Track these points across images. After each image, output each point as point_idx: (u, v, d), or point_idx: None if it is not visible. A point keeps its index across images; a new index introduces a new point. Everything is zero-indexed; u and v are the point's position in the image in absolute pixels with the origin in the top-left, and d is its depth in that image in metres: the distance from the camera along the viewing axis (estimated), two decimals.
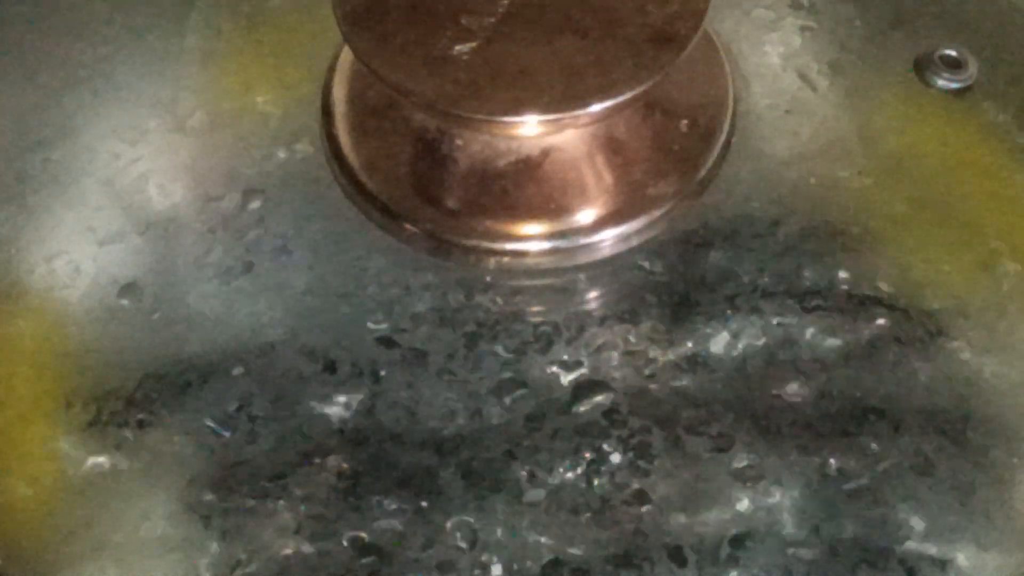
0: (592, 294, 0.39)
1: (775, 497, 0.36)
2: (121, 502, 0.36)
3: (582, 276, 0.39)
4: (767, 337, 0.38)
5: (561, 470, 0.36)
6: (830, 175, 0.41)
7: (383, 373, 0.37)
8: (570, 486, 0.36)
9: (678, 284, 0.39)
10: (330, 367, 0.37)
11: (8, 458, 0.37)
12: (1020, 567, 0.35)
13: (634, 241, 0.39)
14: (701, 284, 0.39)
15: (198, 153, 0.42)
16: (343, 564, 0.35)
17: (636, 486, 0.36)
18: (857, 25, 0.43)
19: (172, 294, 0.39)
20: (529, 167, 0.39)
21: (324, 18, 0.39)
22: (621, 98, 0.37)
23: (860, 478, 0.36)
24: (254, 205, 0.40)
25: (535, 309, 0.39)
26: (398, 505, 0.36)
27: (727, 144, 0.41)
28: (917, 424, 0.36)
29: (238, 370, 0.38)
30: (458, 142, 0.40)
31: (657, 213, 0.39)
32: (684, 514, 0.35)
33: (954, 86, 0.42)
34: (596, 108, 0.37)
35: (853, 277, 0.39)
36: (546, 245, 0.39)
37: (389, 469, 0.36)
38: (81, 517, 0.36)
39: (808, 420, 0.36)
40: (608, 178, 0.40)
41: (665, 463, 0.36)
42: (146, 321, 0.39)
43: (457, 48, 0.38)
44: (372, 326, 0.38)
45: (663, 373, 0.37)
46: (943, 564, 0.35)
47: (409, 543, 0.35)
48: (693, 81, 0.41)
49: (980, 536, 0.35)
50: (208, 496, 0.36)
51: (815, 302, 0.38)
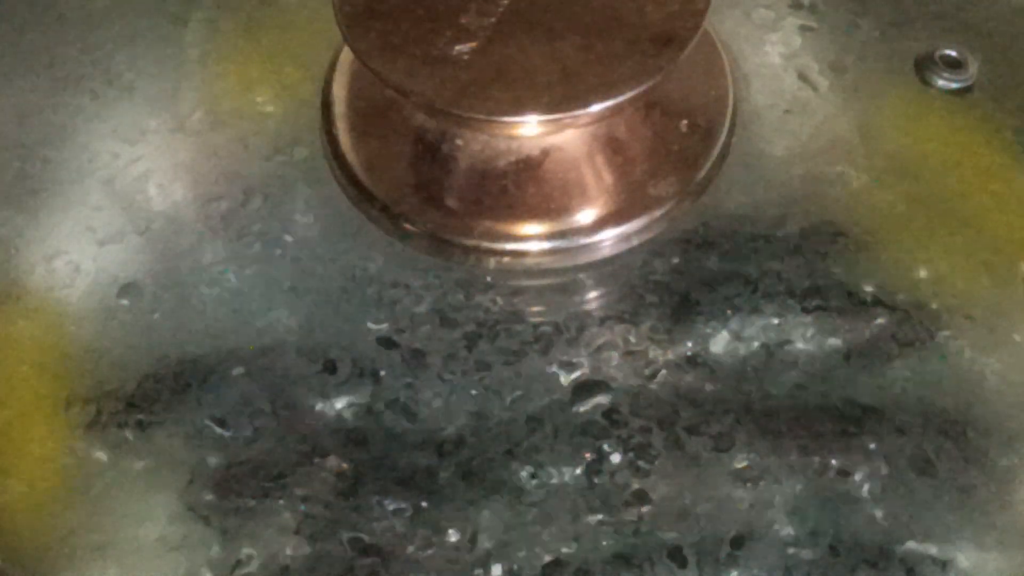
0: (592, 294, 0.39)
1: (775, 497, 0.36)
2: (121, 502, 0.36)
3: (582, 276, 0.39)
4: (767, 337, 0.38)
5: (561, 470, 0.36)
6: (830, 175, 0.41)
7: (383, 373, 0.37)
8: (570, 486, 0.36)
9: (678, 284, 0.39)
10: (330, 367, 0.37)
11: (8, 458, 0.37)
12: (1020, 567, 0.35)
13: (634, 241, 0.39)
14: (701, 284, 0.39)
15: (198, 153, 0.41)
16: (343, 564, 0.35)
17: (636, 486, 0.36)
18: (857, 25, 0.43)
19: (172, 294, 0.39)
20: (529, 167, 0.39)
21: (324, 18, 0.39)
22: (621, 98, 0.37)
23: (860, 478, 0.36)
24: (254, 205, 0.40)
25: (535, 309, 0.39)
26: (398, 505, 0.36)
27: (727, 144, 0.41)
28: (917, 424, 0.36)
29: (238, 370, 0.38)
30: (458, 142, 0.40)
31: (657, 213, 0.39)
32: (684, 514, 0.35)
33: (954, 86, 0.42)
34: (596, 108, 0.37)
35: (853, 277, 0.39)
36: (546, 245, 0.39)
37: (389, 469, 0.36)
38: (81, 517, 0.36)
39: (808, 420, 0.36)
40: (608, 178, 0.40)
41: (665, 463, 0.36)
42: (146, 321, 0.39)
43: (457, 48, 0.38)
44: (372, 326, 0.38)
45: (663, 373, 0.37)
46: (943, 564, 0.35)
47: (409, 543, 0.35)
48: (693, 81, 0.41)
49: (980, 536, 0.35)
50: (208, 496, 0.36)
51: (815, 302, 0.38)
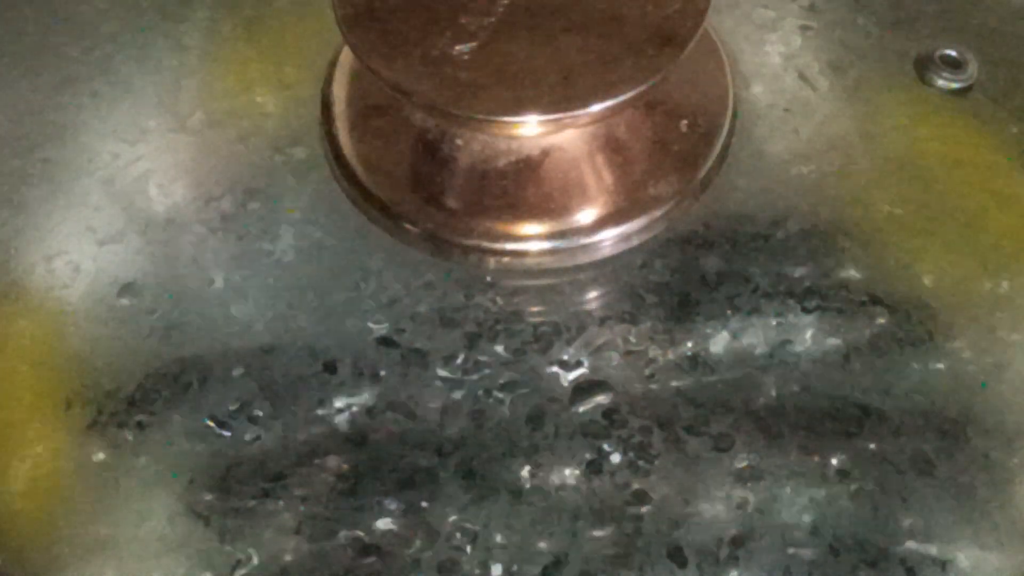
0: (592, 294, 0.39)
1: (775, 497, 0.36)
2: (121, 502, 0.36)
3: (582, 276, 0.39)
4: (767, 337, 0.38)
5: (561, 470, 0.36)
6: (830, 175, 0.41)
7: (383, 373, 0.37)
8: (570, 486, 0.36)
9: (678, 284, 0.39)
10: (330, 367, 0.37)
11: (8, 458, 0.37)
12: (1020, 567, 0.35)
13: (634, 241, 0.39)
14: (701, 284, 0.39)
15: (198, 153, 0.41)
16: (343, 564, 0.35)
17: (636, 486, 0.36)
18: (857, 25, 0.43)
19: (172, 294, 0.39)
20: (529, 167, 0.39)
21: (324, 18, 0.39)
22: (621, 98, 0.37)
23: (860, 478, 0.36)
24: (254, 205, 0.40)
25: (535, 309, 0.39)
26: (398, 505, 0.36)
27: (727, 144, 0.41)
28: (917, 424, 0.36)
29: (238, 370, 0.38)
30: (458, 142, 0.39)
31: (657, 213, 0.39)
32: (684, 514, 0.35)
33: (954, 86, 0.42)
34: (596, 108, 0.37)
35: (853, 277, 0.39)
36: (546, 245, 0.39)
37: (389, 469, 0.36)
38: (81, 517, 0.36)
39: (808, 420, 0.36)
40: (608, 178, 0.40)
41: (665, 463, 0.36)
42: (146, 321, 0.39)
43: (457, 48, 0.38)
44: (372, 326, 0.38)
45: (663, 373, 0.37)
46: (943, 564, 0.35)
47: (409, 543, 0.35)
48: (693, 81, 0.41)
49: (980, 536, 0.35)
50: (208, 496, 0.36)
51: (815, 302, 0.38)
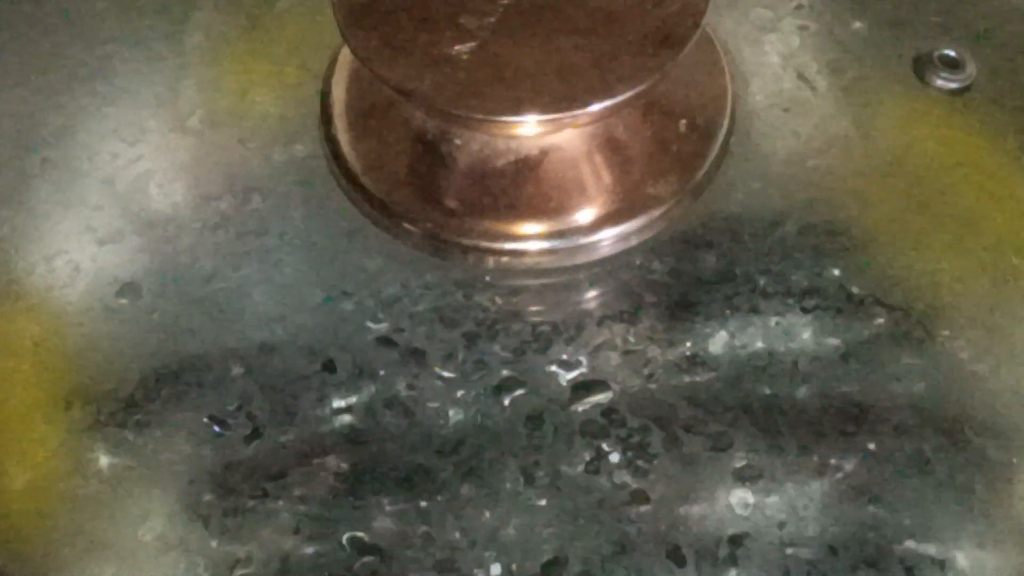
0: (591, 294, 0.39)
1: (775, 497, 0.36)
2: (121, 502, 0.36)
3: (581, 276, 0.39)
4: (767, 337, 0.38)
5: (560, 470, 0.36)
6: (829, 175, 0.41)
7: (383, 373, 0.37)
8: (569, 486, 0.36)
9: (677, 284, 0.39)
10: (330, 367, 0.37)
11: (7, 458, 0.37)
12: (1020, 567, 0.35)
13: (633, 241, 0.39)
14: (700, 284, 0.39)
15: (198, 153, 0.41)
16: (343, 564, 0.35)
17: (635, 486, 0.36)
18: (856, 25, 0.43)
19: (172, 294, 0.39)
20: (528, 167, 0.39)
21: (324, 18, 0.39)
22: (621, 98, 0.37)
23: (859, 478, 0.36)
24: (254, 205, 0.40)
25: (534, 309, 0.39)
26: (398, 505, 0.36)
27: (726, 144, 0.41)
28: (917, 424, 0.36)
29: (238, 370, 0.38)
30: (457, 142, 0.39)
31: (656, 213, 0.39)
32: (683, 514, 0.35)
33: (953, 86, 0.42)
34: (596, 108, 0.37)
35: (852, 277, 0.39)
36: (545, 245, 0.39)
37: (389, 469, 0.36)
38: (81, 517, 0.36)
39: (808, 420, 0.36)
40: (607, 178, 0.40)
41: (664, 463, 0.36)
42: (146, 321, 0.39)
43: (457, 48, 0.38)
44: (372, 326, 0.38)
45: (662, 373, 0.37)
46: (943, 564, 0.35)
47: (409, 543, 0.35)
48: (692, 81, 0.41)
49: (980, 536, 0.35)
50: (208, 496, 0.36)
51: (814, 302, 0.38)
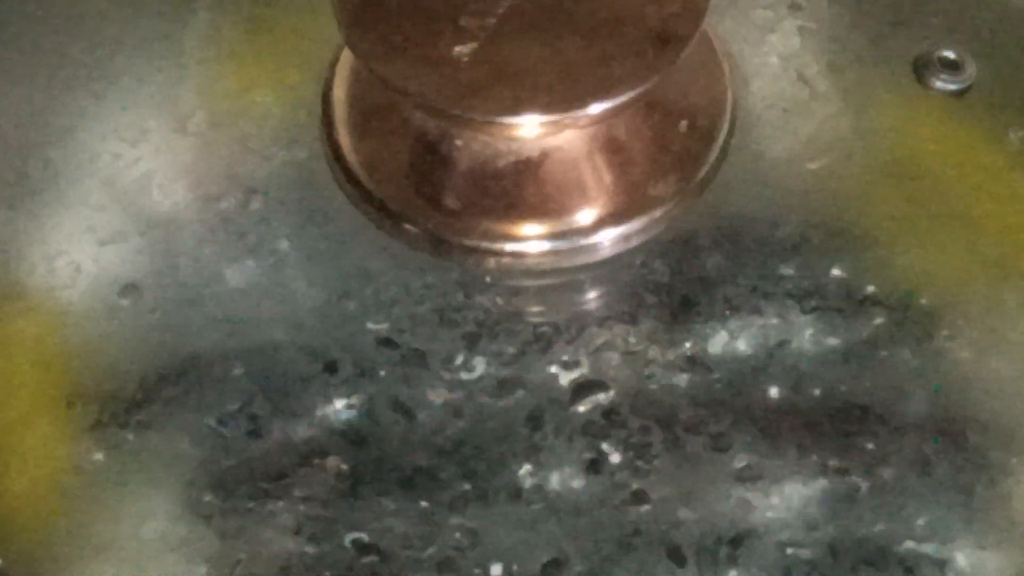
0: (592, 294, 0.39)
1: (775, 497, 0.36)
2: (121, 502, 0.36)
3: (582, 276, 0.39)
4: (767, 337, 0.38)
5: (561, 470, 0.36)
6: (829, 175, 0.41)
7: (383, 373, 0.37)
8: (569, 486, 0.36)
9: (678, 284, 0.39)
10: (330, 367, 0.38)
11: (8, 458, 0.37)
12: (1020, 567, 0.35)
13: (634, 241, 0.39)
14: (701, 284, 0.39)
15: (198, 153, 0.41)
16: (343, 564, 0.35)
17: (636, 486, 0.36)
18: (856, 26, 0.43)
19: (172, 294, 0.39)
20: (529, 167, 0.39)
21: (324, 18, 0.39)
22: (621, 98, 0.37)
23: (860, 478, 0.36)
24: (254, 205, 0.40)
25: (535, 309, 0.39)
26: (398, 505, 0.36)
27: (726, 144, 0.41)
28: (917, 424, 0.36)
29: (238, 370, 0.38)
30: (458, 142, 0.39)
31: (657, 213, 0.39)
32: (683, 514, 0.35)
33: (952, 87, 0.42)
34: (596, 108, 0.37)
35: (852, 277, 0.39)
36: (546, 245, 0.39)
37: (389, 469, 0.36)
38: (81, 517, 0.36)
39: (808, 420, 0.36)
40: (608, 178, 0.40)
41: (665, 463, 0.36)
42: (146, 321, 0.39)
43: (457, 48, 0.38)
44: (372, 326, 0.38)
45: (663, 373, 0.37)
46: (943, 564, 0.35)
47: (409, 543, 0.35)
48: (693, 81, 0.41)
49: (980, 536, 0.35)
50: (208, 496, 0.36)
51: (814, 302, 0.38)
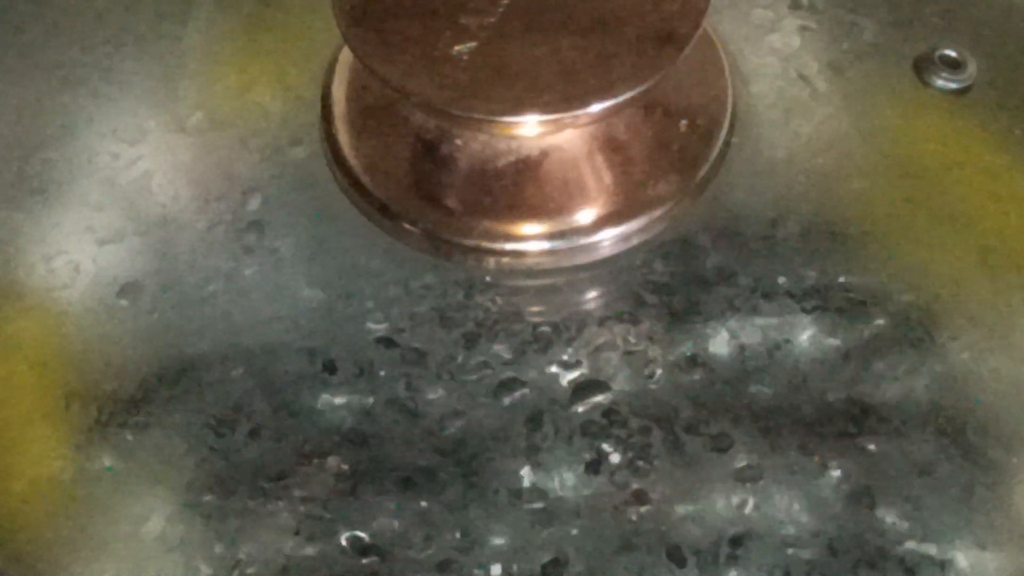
0: (591, 294, 0.39)
1: (775, 497, 0.36)
2: (121, 502, 0.36)
3: (581, 276, 0.39)
4: (767, 337, 0.38)
5: (560, 470, 0.36)
6: (829, 175, 0.41)
7: (383, 373, 0.37)
8: (569, 486, 0.36)
9: (677, 284, 0.39)
10: (330, 367, 0.37)
11: (8, 458, 0.37)
12: (1020, 567, 0.35)
13: (634, 241, 0.39)
14: (701, 284, 0.39)
15: (198, 153, 0.41)
16: (343, 564, 0.35)
17: (636, 486, 0.36)
18: (856, 25, 0.43)
19: (172, 294, 0.39)
20: (529, 167, 0.39)
21: (324, 18, 0.39)
22: (621, 98, 0.37)
23: (859, 478, 0.36)
24: (254, 205, 0.40)
25: (534, 309, 0.39)
26: (398, 505, 0.36)
27: (727, 144, 0.41)
28: (917, 424, 0.36)
29: (238, 370, 0.38)
30: (458, 142, 0.39)
31: (657, 213, 0.39)
32: (683, 514, 0.35)
33: (953, 86, 0.42)
34: (596, 108, 0.37)
35: (853, 277, 0.39)
36: (545, 245, 0.39)
37: (389, 469, 0.36)
38: (81, 517, 0.36)
39: (808, 420, 0.36)
40: (608, 178, 0.40)
41: (665, 463, 0.36)
42: (146, 321, 0.39)
43: (457, 48, 0.38)
44: (372, 326, 0.38)
45: (663, 373, 0.37)
46: (943, 564, 0.35)
47: (409, 543, 0.35)
48: (693, 81, 0.41)
49: (980, 536, 0.35)
50: (208, 496, 0.36)
51: (815, 302, 0.38)
